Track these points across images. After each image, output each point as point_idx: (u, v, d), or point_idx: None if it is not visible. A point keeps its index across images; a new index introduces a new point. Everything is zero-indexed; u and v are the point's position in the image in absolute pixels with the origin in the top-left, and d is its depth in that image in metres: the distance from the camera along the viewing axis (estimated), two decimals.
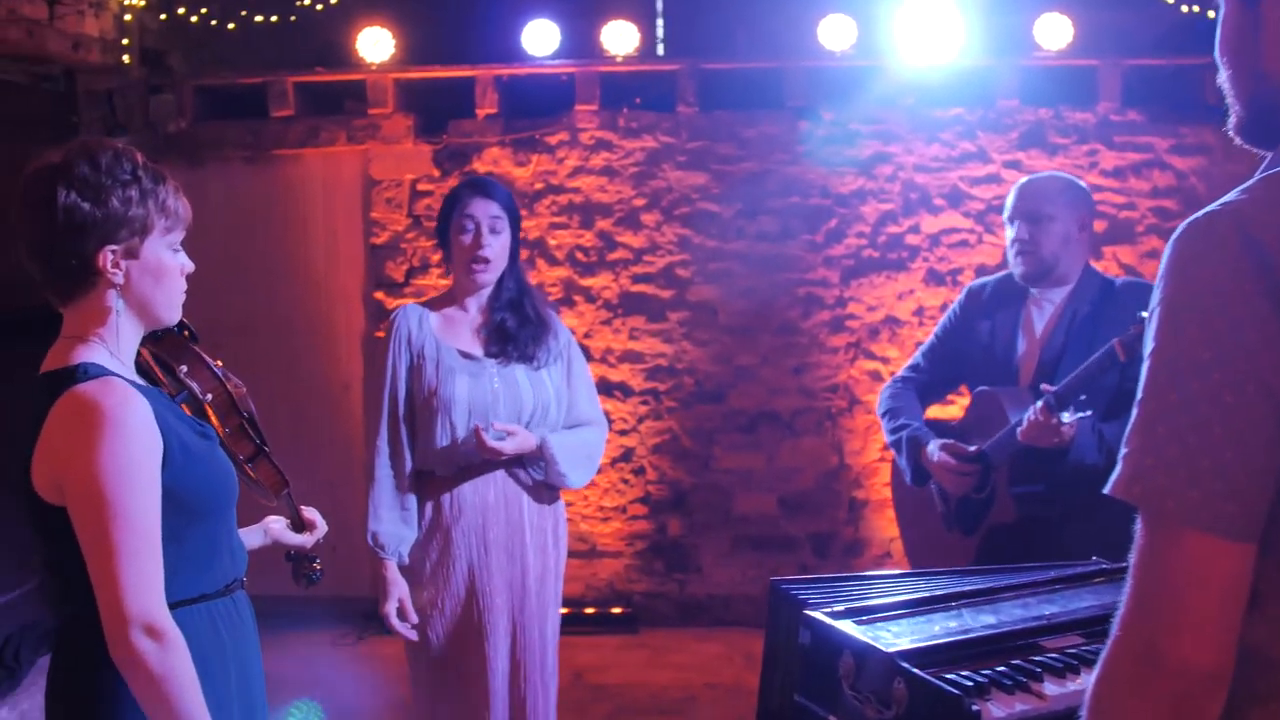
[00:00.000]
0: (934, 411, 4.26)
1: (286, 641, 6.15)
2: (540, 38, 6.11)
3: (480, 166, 6.20)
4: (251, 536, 2.65)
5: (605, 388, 6.27)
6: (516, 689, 3.57)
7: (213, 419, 2.43)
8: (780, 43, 6.28)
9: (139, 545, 2.06)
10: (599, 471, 6.28)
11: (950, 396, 4.73)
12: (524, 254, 6.16)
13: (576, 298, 6.25)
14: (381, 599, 3.53)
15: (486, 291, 3.61)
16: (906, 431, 3.93)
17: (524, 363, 3.57)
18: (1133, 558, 1.40)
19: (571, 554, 6.36)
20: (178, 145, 6.32)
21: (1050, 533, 3.56)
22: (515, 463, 3.56)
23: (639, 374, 6.27)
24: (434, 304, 3.67)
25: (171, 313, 2.31)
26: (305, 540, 2.74)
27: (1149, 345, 1.41)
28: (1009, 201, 3.83)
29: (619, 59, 6.12)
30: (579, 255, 6.24)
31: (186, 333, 2.44)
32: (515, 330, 3.57)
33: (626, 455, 6.30)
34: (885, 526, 6.20)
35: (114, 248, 2.17)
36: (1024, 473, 3.66)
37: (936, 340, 4.11)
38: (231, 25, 6.36)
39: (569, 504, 6.30)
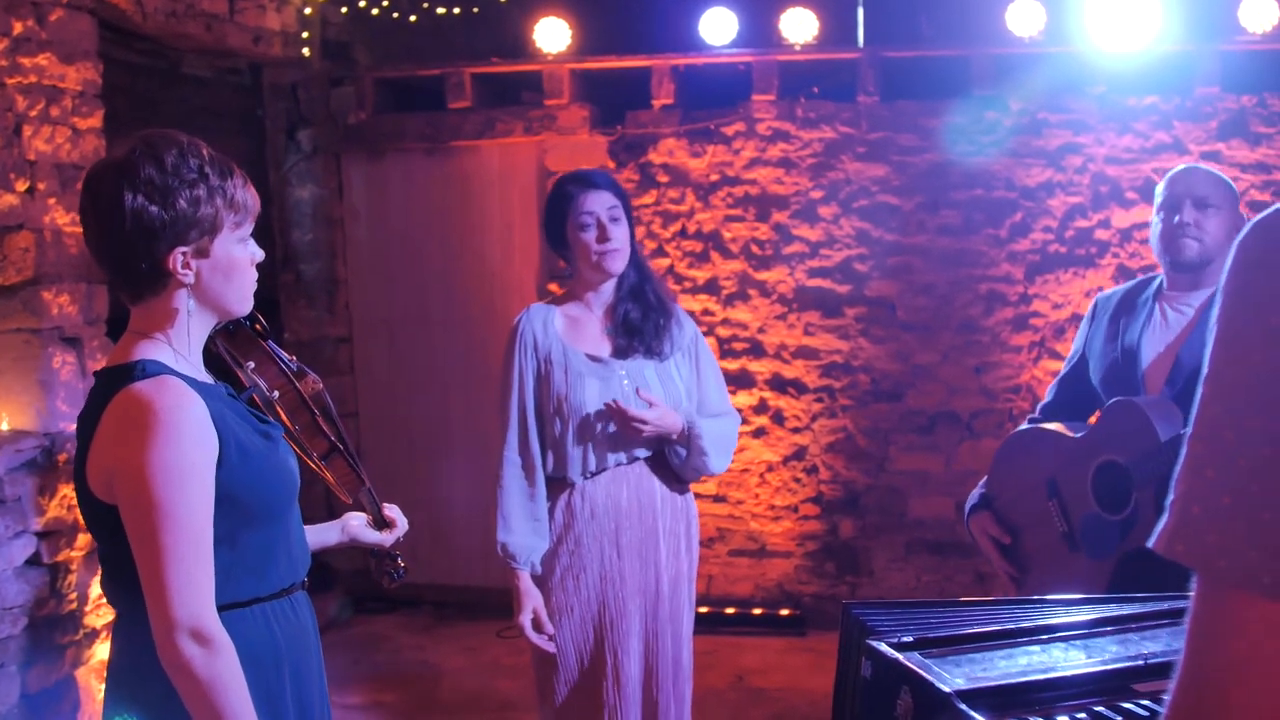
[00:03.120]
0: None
1: (456, 631, 6.19)
2: (718, 26, 6.03)
3: (655, 158, 6.15)
4: (328, 533, 2.60)
5: (779, 384, 6.15)
6: (649, 696, 3.47)
7: (281, 416, 2.36)
8: (965, 29, 6.11)
9: (188, 549, 2.01)
10: (771, 470, 6.21)
11: None
12: (699, 247, 6.14)
13: (751, 291, 6.15)
14: (515, 610, 3.45)
15: (610, 285, 3.51)
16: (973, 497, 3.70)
17: (651, 358, 3.47)
18: (1186, 625, 1.13)
19: (740, 553, 6.31)
20: (358, 137, 6.40)
21: None
22: (653, 454, 3.48)
23: (814, 370, 6.13)
24: (558, 303, 3.58)
25: (243, 305, 2.25)
26: (384, 538, 2.65)
27: (1204, 369, 1.13)
28: (1167, 189, 3.48)
29: (797, 47, 6.00)
30: (754, 248, 6.13)
31: (258, 326, 2.37)
32: (639, 321, 3.47)
33: (799, 454, 6.17)
34: None
35: (184, 249, 2.10)
36: None
37: (1068, 367, 3.81)
38: (414, 18, 6.42)
39: (739, 502, 6.21)
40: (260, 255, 2.26)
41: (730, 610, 6.16)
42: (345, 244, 6.52)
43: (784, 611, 6.15)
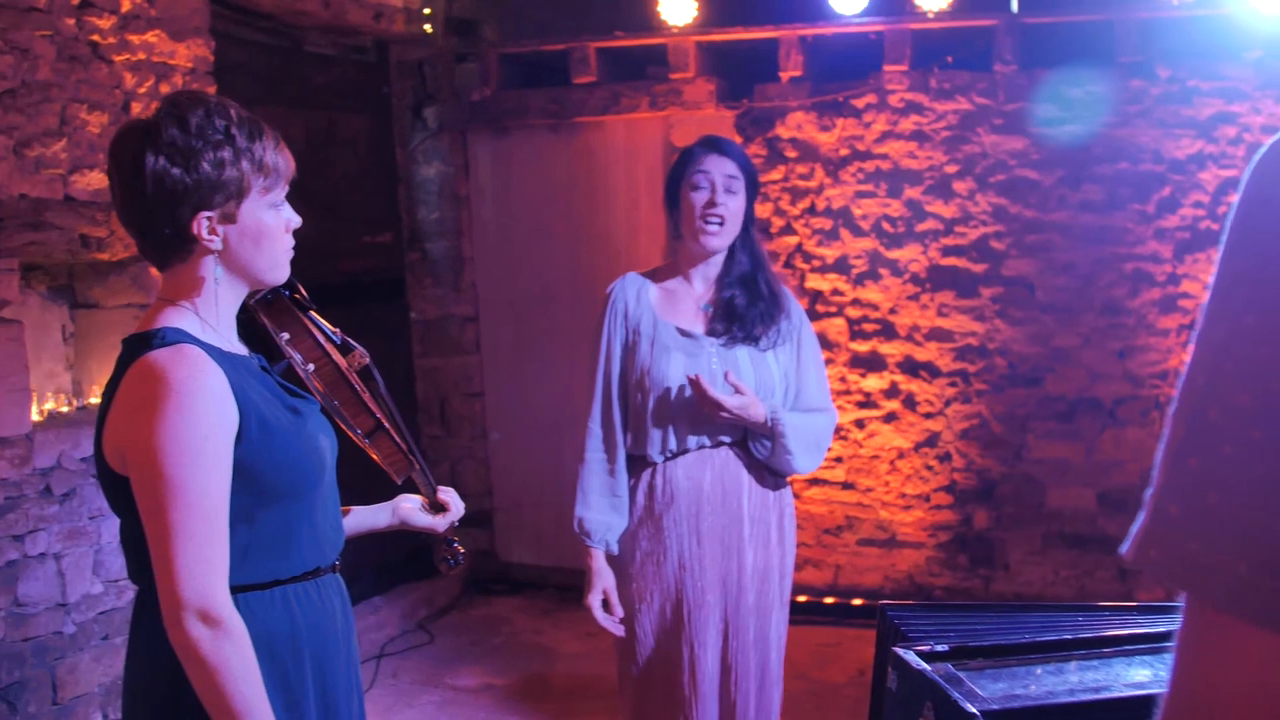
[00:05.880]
0: None
1: (576, 616, 6.10)
2: None
3: (784, 132, 5.96)
4: (379, 515, 2.51)
5: (911, 367, 5.92)
6: (727, 694, 3.29)
7: (318, 390, 2.26)
8: None
9: (198, 525, 1.93)
10: (901, 457, 5.97)
11: None
12: (828, 224, 5.93)
13: (882, 270, 5.91)
14: (585, 589, 3.33)
15: (715, 263, 3.34)
16: None
17: (749, 344, 3.28)
18: (1174, 645, 0.88)
19: (869, 543, 6.10)
20: (483, 113, 6.35)
21: None
22: (739, 440, 3.29)
23: (947, 353, 5.88)
24: (656, 274, 3.43)
25: (276, 273, 2.17)
26: (437, 523, 2.54)
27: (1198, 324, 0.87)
28: None
29: (931, 15, 5.74)
30: (885, 225, 5.90)
31: (298, 296, 2.29)
32: (744, 309, 3.28)
33: (931, 440, 5.93)
34: None
35: (209, 214, 2.04)
36: None
37: None
38: None
39: (868, 489, 6.00)
40: (296, 221, 2.18)
41: (857, 601, 5.96)
42: (471, 222, 6.47)
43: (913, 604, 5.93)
